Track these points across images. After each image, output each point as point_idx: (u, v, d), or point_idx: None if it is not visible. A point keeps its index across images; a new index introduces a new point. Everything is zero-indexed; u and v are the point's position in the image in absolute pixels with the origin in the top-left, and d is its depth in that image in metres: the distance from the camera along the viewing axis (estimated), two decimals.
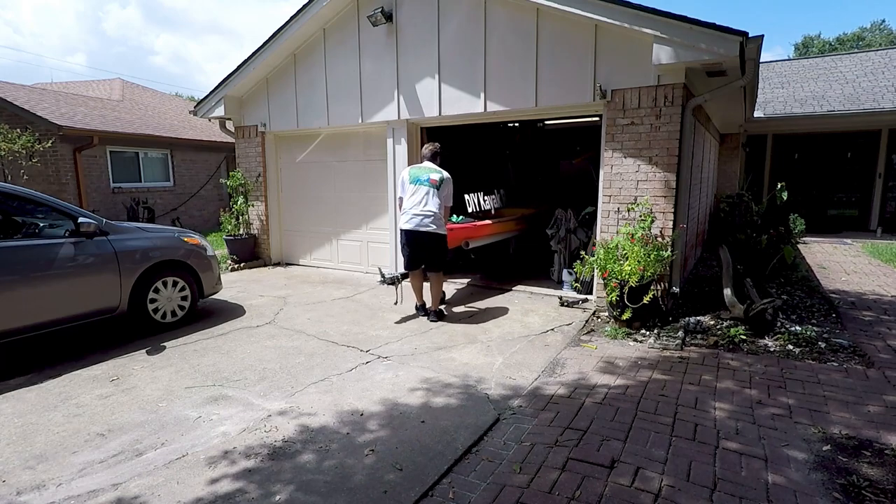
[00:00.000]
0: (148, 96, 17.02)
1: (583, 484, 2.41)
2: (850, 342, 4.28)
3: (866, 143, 11.58)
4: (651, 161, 4.99)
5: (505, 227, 6.86)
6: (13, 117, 10.07)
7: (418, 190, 4.92)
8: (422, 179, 4.96)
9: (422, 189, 4.93)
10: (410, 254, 5.04)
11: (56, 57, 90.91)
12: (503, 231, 6.86)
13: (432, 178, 4.97)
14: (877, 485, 2.38)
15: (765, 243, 6.95)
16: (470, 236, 5.96)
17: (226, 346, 4.49)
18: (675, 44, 4.53)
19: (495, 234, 6.66)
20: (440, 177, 4.99)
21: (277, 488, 2.44)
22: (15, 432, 3.03)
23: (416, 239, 4.94)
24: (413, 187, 4.95)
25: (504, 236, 7.00)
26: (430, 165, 5.11)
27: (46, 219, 4.43)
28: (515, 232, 7.26)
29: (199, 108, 8.34)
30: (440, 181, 4.97)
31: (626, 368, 3.85)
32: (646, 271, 4.55)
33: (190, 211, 13.20)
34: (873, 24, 37.38)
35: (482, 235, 6.30)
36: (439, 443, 2.81)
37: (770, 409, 3.17)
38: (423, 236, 4.93)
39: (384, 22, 6.35)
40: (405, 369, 3.90)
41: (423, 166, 5.12)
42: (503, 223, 6.80)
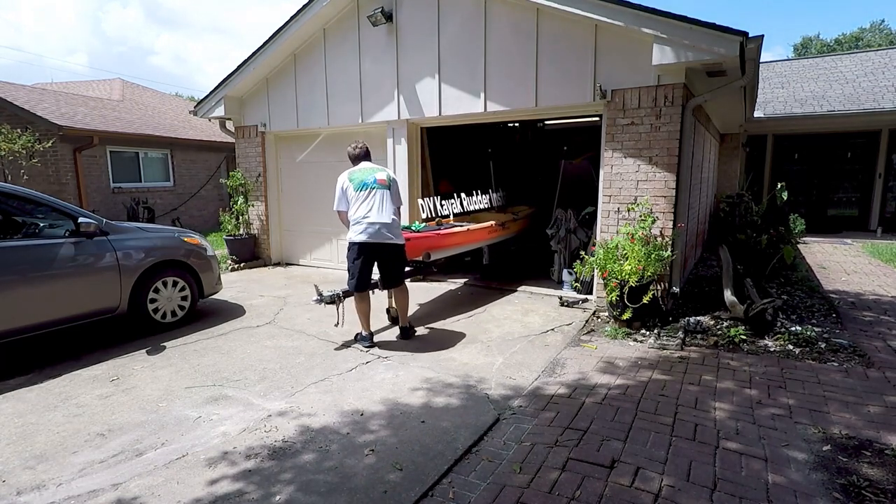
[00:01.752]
0: (148, 96, 17.02)
1: (583, 484, 2.41)
2: (850, 342, 4.28)
3: (866, 143, 11.58)
4: (651, 161, 4.99)
5: (480, 235, 6.16)
6: (13, 117, 10.06)
7: (369, 195, 4.23)
8: (368, 183, 4.27)
9: (373, 193, 4.23)
10: (363, 271, 4.28)
11: (56, 57, 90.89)
12: (478, 239, 6.18)
13: (379, 178, 4.33)
14: (877, 485, 2.38)
15: (765, 243, 6.95)
16: (432, 247, 5.26)
17: (226, 346, 4.49)
18: (675, 44, 4.53)
19: (467, 243, 5.98)
20: (387, 175, 4.41)
21: (277, 488, 2.44)
22: (15, 432, 3.03)
23: (375, 253, 4.27)
24: (361, 194, 4.24)
25: (479, 244, 6.39)
26: (371, 165, 4.47)
27: (46, 219, 4.43)
28: (495, 239, 6.57)
29: (199, 108, 8.35)
30: (389, 180, 4.38)
31: (626, 368, 3.85)
32: (646, 271, 4.55)
33: (190, 211, 13.19)
34: (873, 25, 37.38)
35: (448, 245, 5.58)
36: (439, 443, 2.81)
37: (770, 409, 3.17)
38: (383, 249, 4.27)
39: (384, 22, 6.35)
40: (405, 369, 3.90)
41: (363, 168, 4.41)
42: (477, 231, 6.06)
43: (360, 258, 4.24)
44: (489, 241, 6.51)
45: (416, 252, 4.98)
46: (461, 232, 5.77)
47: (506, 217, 7.00)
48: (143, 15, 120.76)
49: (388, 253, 4.31)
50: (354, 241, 4.22)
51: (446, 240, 5.50)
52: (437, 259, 5.57)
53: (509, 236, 6.98)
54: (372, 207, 4.20)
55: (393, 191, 4.36)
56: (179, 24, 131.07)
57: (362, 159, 4.50)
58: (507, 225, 6.72)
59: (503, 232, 6.65)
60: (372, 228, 4.17)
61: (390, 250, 4.31)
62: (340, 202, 4.37)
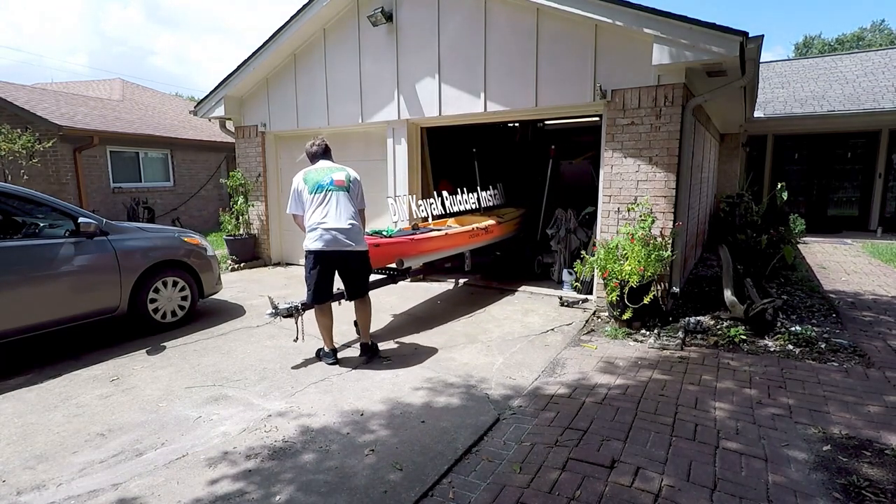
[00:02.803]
0: (148, 96, 17.02)
1: (583, 484, 2.41)
2: (850, 342, 4.28)
3: (866, 143, 11.58)
4: (651, 161, 4.99)
5: (460, 240, 5.75)
6: (13, 117, 10.06)
7: (326, 198, 3.84)
8: (325, 184, 3.87)
9: (330, 196, 3.85)
10: (321, 282, 3.91)
11: (56, 57, 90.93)
12: (458, 244, 5.77)
13: (337, 178, 3.92)
14: (877, 485, 2.38)
15: (765, 243, 6.95)
16: (405, 253, 4.88)
17: (226, 346, 4.49)
18: (675, 44, 4.53)
19: (445, 248, 5.55)
20: (346, 175, 3.99)
21: (278, 488, 2.44)
22: (15, 432, 3.02)
23: (335, 262, 3.91)
24: (316, 196, 3.85)
25: (460, 249, 5.96)
26: (329, 164, 4.06)
27: (46, 219, 4.43)
28: (478, 243, 6.17)
29: (199, 108, 8.35)
30: (348, 181, 3.97)
31: (627, 368, 3.85)
32: (646, 271, 4.55)
33: (190, 211, 13.19)
34: (873, 25, 37.38)
35: (424, 251, 5.20)
36: (439, 443, 2.81)
37: (770, 409, 3.17)
38: (342, 257, 3.89)
39: (384, 22, 6.35)
40: (405, 369, 3.90)
41: (320, 167, 4.02)
42: (457, 235, 5.66)
43: (316, 268, 3.86)
44: (471, 245, 6.09)
45: (387, 259, 4.68)
46: (439, 237, 5.36)
47: (490, 220, 6.54)
48: (143, 15, 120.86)
49: (348, 261, 3.93)
50: (310, 249, 3.85)
51: (421, 245, 5.10)
52: (412, 267, 5.16)
53: (494, 240, 6.58)
54: (328, 212, 3.81)
55: (353, 192, 3.97)
56: (180, 25, 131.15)
57: (320, 157, 4.11)
58: (491, 228, 6.29)
59: (486, 236, 6.24)
60: (328, 235, 3.79)
61: (351, 258, 3.93)
62: (294, 205, 3.99)
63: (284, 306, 4.12)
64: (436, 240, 5.32)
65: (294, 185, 3.99)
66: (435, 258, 5.56)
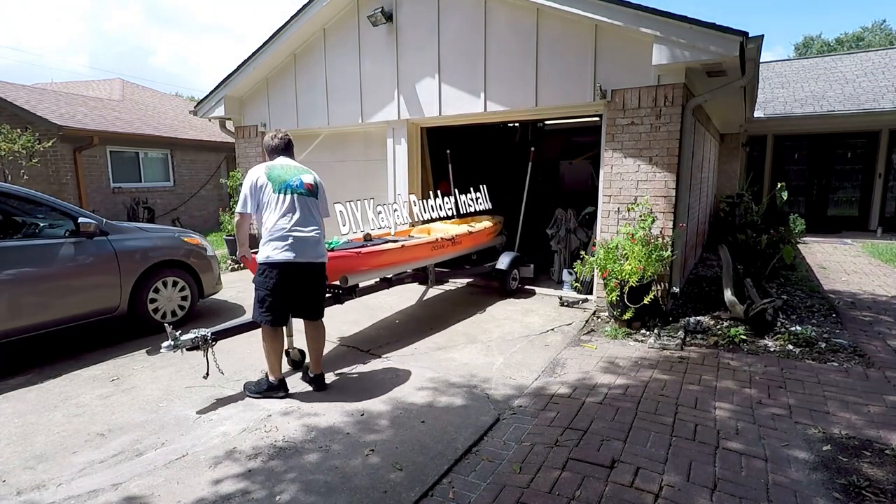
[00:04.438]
0: (148, 96, 17.02)
1: (583, 484, 2.41)
2: (850, 342, 4.28)
3: (866, 143, 11.58)
4: (651, 161, 4.99)
5: (419, 253, 5.08)
6: (13, 117, 10.06)
7: (294, 202, 3.32)
8: (293, 185, 3.34)
9: (299, 200, 3.33)
10: (285, 299, 3.34)
11: (57, 57, 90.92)
12: (417, 258, 5.09)
13: (307, 182, 3.41)
14: (877, 485, 2.38)
15: (765, 243, 6.95)
16: (350, 269, 4.26)
17: (226, 346, 4.48)
18: (675, 44, 4.53)
19: (400, 262, 4.91)
20: (314, 179, 3.50)
21: (277, 488, 2.44)
22: (15, 432, 3.03)
23: (302, 276, 3.35)
24: (282, 198, 3.30)
25: (420, 264, 5.25)
26: (294, 164, 3.54)
27: (46, 219, 4.43)
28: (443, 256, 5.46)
29: (199, 108, 8.35)
30: (316, 185, 3.49)
31: (627, 368, 3.85)
32: (646, 271, 4.56)
33: (190, 211, 13.20)
34: (874, 25, 37.38)
35: (372, 267, 4.51)
36: (439, 443, 2.81)
37: (770, 408, 3.17)
38: (311, 270, 3.40)
39: (384, 22, 6.36)
40: (405, 369, 3.90)
41: (285, 165, 3.46)
42: (416, 248, 5.01)
43: (280, 282, 3.28)
44: (435, 258, 5.34)
45: (332, 275, 4.10)
46: (393, 249, 4.71)
47: (461, 229, 5.87)
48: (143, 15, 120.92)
49: (313, 275, 3.44)
50: (275, 260, 3.24)
51: (369, 260, 4.44)
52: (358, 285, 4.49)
53: (463, 252, 5.86)
54: (298, 218, 3.30)
55: (321, 199, 3.54)
56: (180, 25, 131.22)
57: (281, 153, 3.55)
58: (459, 239, 5.59)
59: (453, 248, 5.52)
60: (299, 245, 3.28)
61: (317, 272, 3.47)
62: (248, 203, 3.33)
63: (189, 337, 3.31)
64: (389, 253, 4.65)
65: (252, 179, 3.32)
66: (388, 273, 4.85)
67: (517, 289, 6.20)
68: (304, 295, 3.43)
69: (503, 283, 6.05)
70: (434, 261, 5.39)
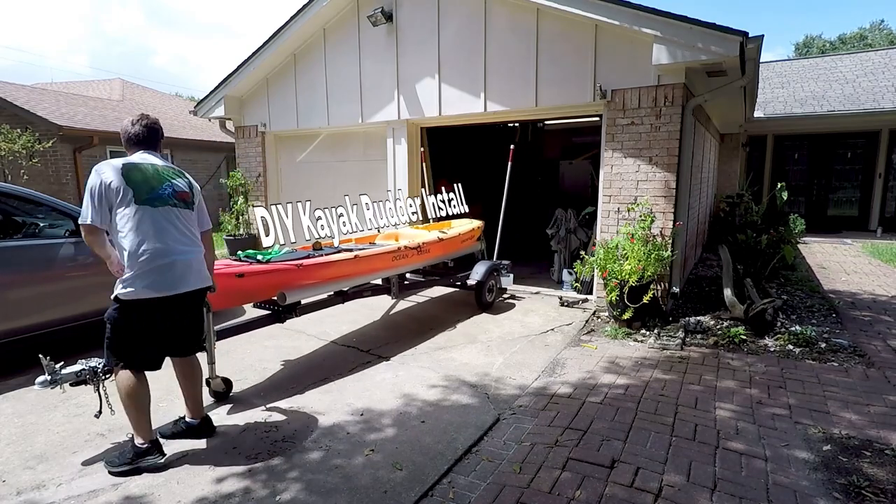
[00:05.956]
0: (148, 96, 17.03)
1: (583, 484, 2.41)
2: (850, 342, 4.28)
3: (866, 143, 11.58)
4: (651, 161, 5.00)
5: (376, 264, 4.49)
6: (13, 117, 10.07)
7: (164, 216, 2.56)
8: (163, 194, 2.58)
9: (170, 214, 2.59)
10: (150, 338, 2.59)
11: (57, 57, 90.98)
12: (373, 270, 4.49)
13: (180, 189, 2.67)
14: (877, 484, 2.38)
15: (765, 243, 6.96)
16: (290, 283, 3.68)
17: (226, 345, 4.48)
18: (675, 44, 4.53)
19: (354, 275, 4.30)
20: (188, 183, 2.76)
21: (277, 488, 2.44)
22: (15, 432, 3.02)
23: (175, 308, 2.62)
24: (147, 211, 2.51)
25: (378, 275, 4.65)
26: (162, 163, 2.70)
27: (46, 219, 4.42)
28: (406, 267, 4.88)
29: (199, 108, 8.35)
30: (192, 192, 2.76)
31: (627, 368, 3.85)
32: (646, 271, 4.56)
33: None
34: (873, 25, 37.38)
35: (318, 280, 3.93)
36: (439, 443, 2.81)
37: (770, 408, 3.17)
38: (188, 300, 2.66)
39: (384, 22, 6.36)
40: (405, 369, 3.90)
41: (152, 164, 2.63)
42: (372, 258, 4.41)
43: (146, 322, 2.55)
44: (397, 269, 4.75)
45: (265, 291, 3.61)
46: (343, 261, 4.12)
47: (430, 236, 5.25)
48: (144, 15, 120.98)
49: (189, 305, 2.70)
50: (140, 297, 2.49)
51: (314, 273, 3.85)
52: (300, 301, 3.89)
53: (432, 262, 5.32)
54: (169, 237, 2.56)
55: (198, 209, 2.80)
56: (181, 25, 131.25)
57: (143, 146, 2.67)
58: (427, 247, 5.01)
59: (418, 257, 4.92)
60: (172, 274, 2.53)
61: (194, 300, 2.72)
62: (96, 212, 2.50)
63: (73, 369, 2.67)
64: (339, 265, 4.08)
65: (100, 179, 2.46)
66: (340, 287, 4.24)
67: (493, 302, 5.59)
68: (177, 329, 2.71)
69: (478, 297, 5.41)
70: (397, 272, 4.76)
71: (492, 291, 5.56)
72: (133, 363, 2.58)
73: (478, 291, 5.39)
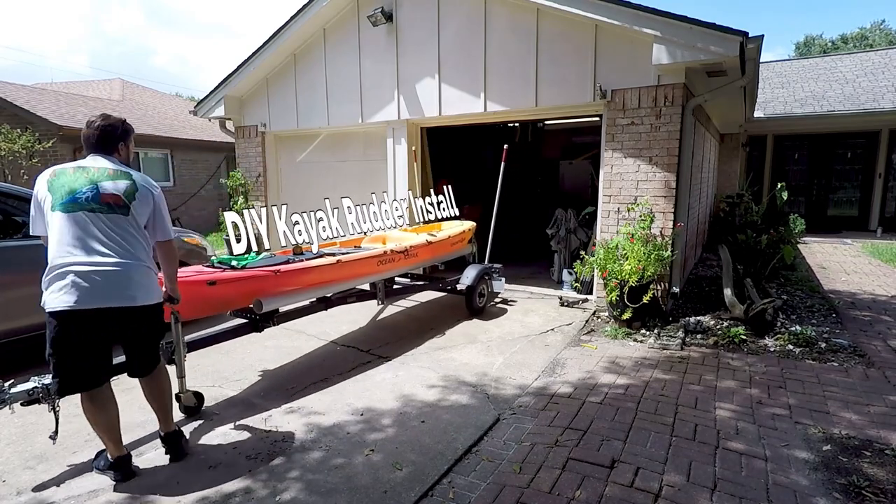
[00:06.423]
0: (148, 96, 17.03)
1: (583, 484, 2.41)
2: (850, 342, 4.28)
3: (866, 143, 11.58)
4: (651, 161, 5.00)
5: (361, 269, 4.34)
6: (13, 117, 10.06)
7: (79, 223, 2.32)
8: (80, 197, 2.33)
9: (86, 219, 2.33)
10: (83, 356, 2.38)
11: (57, 57, 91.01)
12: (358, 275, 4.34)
13: (106, 190, 2.38)
14: (877, 484, 2.38)
15: (765, 243, 6.96)
16: (266, 291, 3.50)
17: (226, 346, 4.47)
18: (675, 44, 4.53)
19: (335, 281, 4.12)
20: (129, 184, 2.45)
21: (278, 488, 2.44)
22: (15, 432, 3.03)
23: (101, 326, 2.38)
24: (65, 218, 2.32)
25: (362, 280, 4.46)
26: (103, 163, 2.47)
27: None
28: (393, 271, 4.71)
29: (199, 108, 8.35)
30: (130, 194, 2.44)
31: (627, 368, 3.85)
32: (646, 271, 4.56)
33: (190, 211, 13.19)
34: (873, 25, 37.38)
35: (297, 287, 3.77)
36: (439, 443, 2.81)
37: (771, 408, 3.17)
38: (119, 317, 2.41)
39: (384, 22, 6.36)
40: (405, 369, 3.90)
41: (84, 168, 2.43)
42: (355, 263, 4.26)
43: (67, 337, 2.33)
44: (384, 274, 4.58)
45: (240, 299, 3.45)
46: (325, 266, 3.94)
47: (418, 239, 5.07)
48: (144, 15, 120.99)
49: (124, 323, 2.46)
50: (53, 308, 2.28)
51: (292, 279, 3.68)
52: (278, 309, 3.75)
53: (420, 265, 5.23)
54: (85, 245, 2.31)
55: (153, 216, 2.54)
56: (181, 25, 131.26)
57: (93, 148, 2.51)
58: (415, 251, 4.87)
59: (406, 261, 4.78)
60: (87, 284, 2.28)
61: (131, 318, 2.47)
62: (34, 221, 2.43)
63: (24, 387, 2.47)
64: (320, 270, 3.90)
65: (36, 190, 2.40)
66: (322, 293, 4.11)
67: (485, 307, 5.42)
68: (123, 345, 2.58)
69: (468, 302, 5.24)
70: (383, 276, 4.61)
71: (483, 296, 5.37)
72: (73, 385, 2.43)
73: (468, 296, 5.22)
